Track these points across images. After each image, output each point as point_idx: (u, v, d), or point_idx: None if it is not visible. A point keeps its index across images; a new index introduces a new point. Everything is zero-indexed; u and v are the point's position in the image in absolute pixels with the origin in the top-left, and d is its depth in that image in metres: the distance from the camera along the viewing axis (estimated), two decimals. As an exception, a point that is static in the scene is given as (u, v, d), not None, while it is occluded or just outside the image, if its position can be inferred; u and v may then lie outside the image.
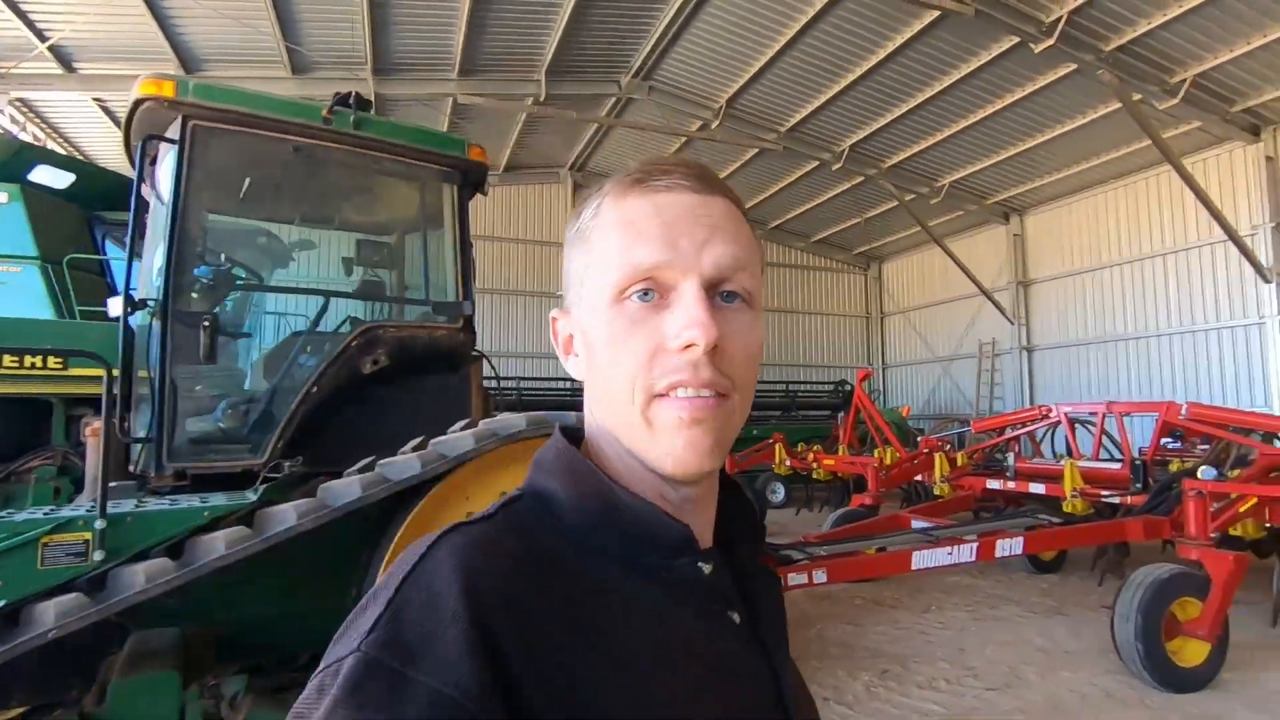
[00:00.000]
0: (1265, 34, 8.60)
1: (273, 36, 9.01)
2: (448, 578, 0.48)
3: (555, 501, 0.58)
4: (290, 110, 2.98)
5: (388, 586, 0.49)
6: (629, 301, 0.55)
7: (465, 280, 3.37)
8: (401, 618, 0.46)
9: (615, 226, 0.57)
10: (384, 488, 2.50)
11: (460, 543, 0.51)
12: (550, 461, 0.60)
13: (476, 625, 0.45)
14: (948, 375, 16.54)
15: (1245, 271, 10.48)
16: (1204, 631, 4.03)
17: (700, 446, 0.54)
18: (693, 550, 0.57)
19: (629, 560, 0.56)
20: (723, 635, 0.58)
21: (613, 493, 0.56)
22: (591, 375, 0.59)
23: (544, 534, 0.55)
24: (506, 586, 0.49)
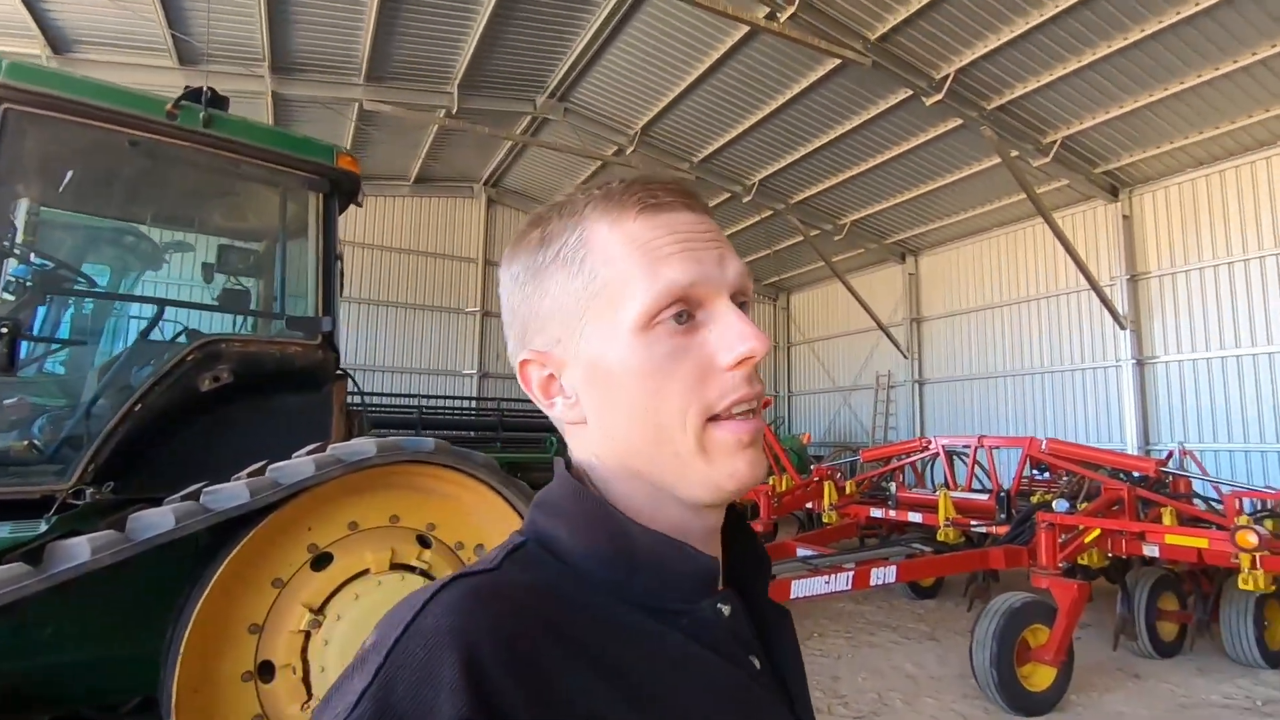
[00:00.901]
0: (1123, 105, 9.54)
1: (157, 22, 8.41)
2: (445, 641, 0.43)
3: (563, 545, 0.53)
4: (129, 101, 2.72)
5: (375, 651, 0.44)
6: (661, 326, 0.52)
7: (328, 295, 3.17)
8: (391, 688, 0.41)
9: (628, 251, 0.53)
10: (202, 519, 2.27)
11: (457, 597, 0.46)
12: (556, 502, 0.55)
13: (478, 696, 0.41)
14: (847, 405, 17.21)
15: (1105, 319, 11.47)
16: (1050, 657, 4.27)
17: (759, 465, 0.54)
18: (713, 590, 0.54)
19: (648, 604, 0.52)
20: (746, 681, 0.54)
21: (628, 530, 0.52)
22: (607, 413, 0.54)
23: (552, 579, 0.51)
24: (512, 644, 0.44)
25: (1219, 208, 10.43)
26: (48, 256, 3.06)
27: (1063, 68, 8.99)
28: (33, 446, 2.74)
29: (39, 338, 2.98)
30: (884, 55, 9.10)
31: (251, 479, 2.41)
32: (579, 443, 0.58)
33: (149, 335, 2.91)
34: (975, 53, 8.97)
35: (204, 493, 2.42)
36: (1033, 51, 8.85)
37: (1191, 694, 4.79)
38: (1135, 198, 11.43)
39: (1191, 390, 10.58)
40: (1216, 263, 10.40)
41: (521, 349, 0.58)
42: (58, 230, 3.34)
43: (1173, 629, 5.56)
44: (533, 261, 0.56)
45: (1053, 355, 12.61)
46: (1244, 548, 4.01)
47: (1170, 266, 10.96)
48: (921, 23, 8.65)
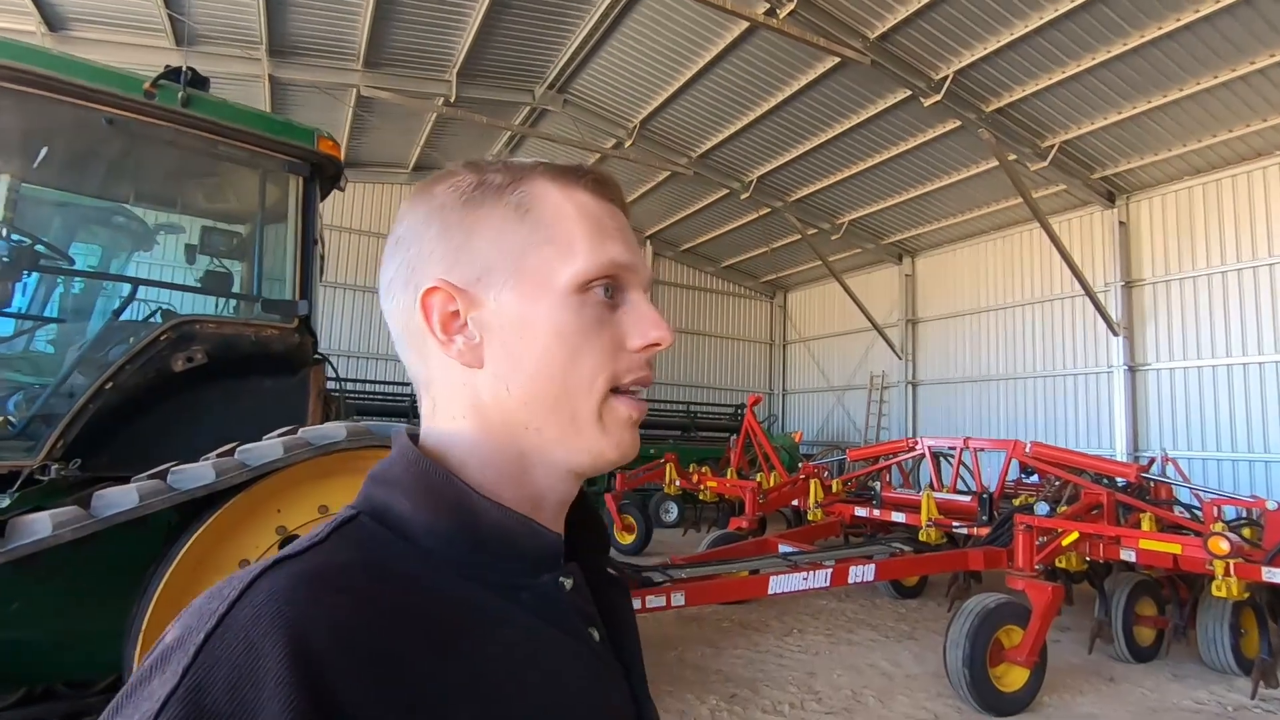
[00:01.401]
0: (1121, 110, 9.52)
1: (153, 2, 8.36)
2: (269, 631, 0.38)
3: (400, 519, 0.50)
4: (106, 79, 2.71)
5: (183, 647, 0.38)
6: (591, 294, 0.54)
7: (305, 279, 3.17)
8: (204, 690, 0.36)
9: (578, 217, 0.55)
10: (166, 498, 2.27)
11: (282, 584, 0.41)
12: (398, 474, 0.52)
13: (308, 690, 0.37)
14: (841, 404, 17.23)
15: (1099, 325, 11.48)
16: (1023, 658, 4.29)
17: (637, 441, 0.57)
18: (556, 565, 0.54)
19: (488, 579, 0.50)
20: (586, 655, 0.54)
21: (474, 504, 0.51)
22: (511, 364, 0.53)
23: (388, 557, 0.48)
24: (346, 632, 0.40)
25: (1214, 216, 10.43)
26: (25, 233, 3.06)
27: (1062, 72, 8.97)
28: (8, 422, 2.74)
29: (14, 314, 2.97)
30: (883, 54, 9.08)
31: (218, 460, 2.41)
32: (453, 394, 0.55)
33: (123, 314, 2.91)
34: (975, 54, 8.95)
35: (170, 472, 2.43)
36: (1032, 55, 8.83)
37: (1164, 698, 4.81)
38: (1132, 204, 11.43)
39: (1182, 398, 10.60)
40: (1211, 271, 10.41)
41: (423, 278, 0.54)
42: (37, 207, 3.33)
43: (1150, 634, 5.58)
44: (465, 197, 0.55)
45: (1046, 360, 12.62)
46: (1216, 554, 4.02)
47: (1165, 274, 10.96)
48: (921, 23, 8.63)
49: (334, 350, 13.92)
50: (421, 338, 0.55)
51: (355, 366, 14.09)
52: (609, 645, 0.58)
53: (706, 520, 11.04)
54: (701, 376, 18.28)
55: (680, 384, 17.65)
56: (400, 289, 0.56)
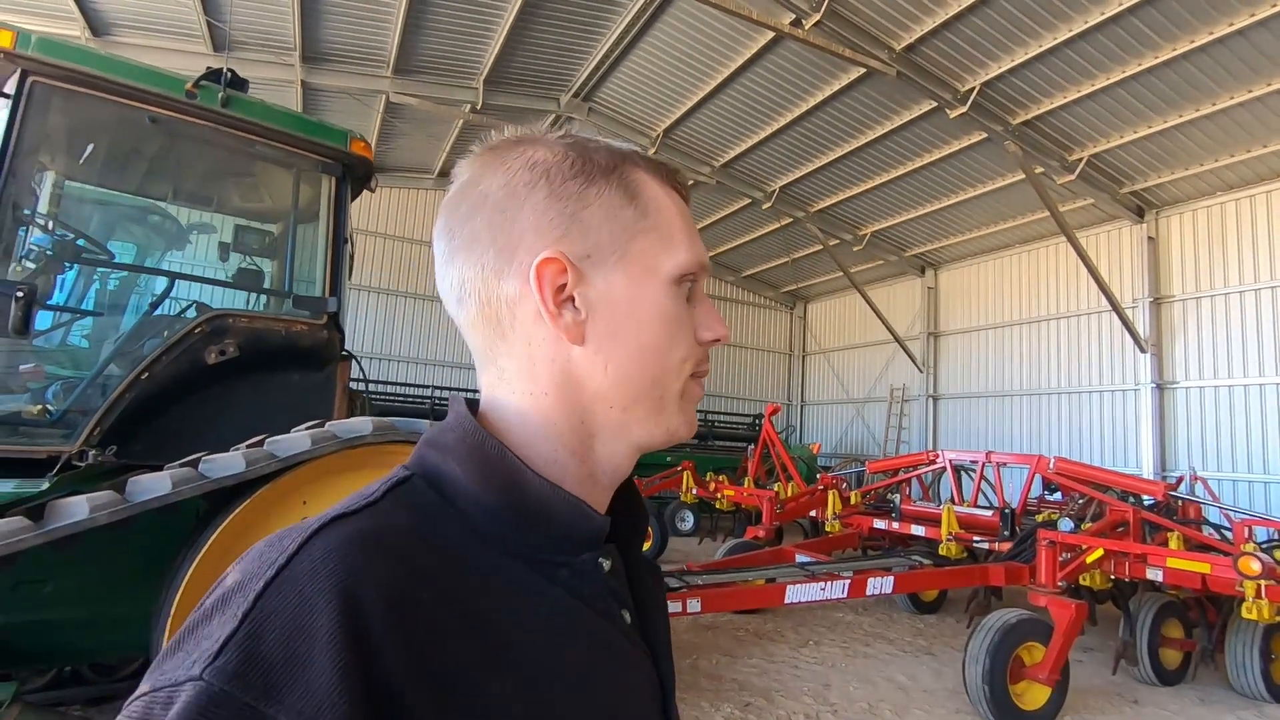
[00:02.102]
0: (1152, 124, 9.39)
1: (193, 9, 8.60)
2: (324, 588, 0.40)
3: (452, 485, 0.51)
4: (150, 79, 2.80)
5: (243, 592, 0.40)
6: (684, 287, 0.57)
7: (335, 277, 3.23)
8: (260, 637, 0.38)
9: (676, 214, 0.58)
10: (196, 485, 2.33)
11: (337, 542, 0.42)
12: (453, 441, 0.53)
13: (356, 647, 0.39)
14: (860, 416, 17.08)
15: (1126, 341, 11.29)
16: (1044, 675, 4.21)
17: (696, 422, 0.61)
18: (597, 545, 0.54)
19: (528, 553, 0.51)
20: (615, 636, 0.54)
21: (524, 479, 0.51)
22: (615, 343, 0.54)
23: (437, 523, 0.49)
24: (395, 597, 0.42)
25: (1248, 233, 10.23)
26: (68, 227, 3.16)
27: (1091, 84, 8.88)
28: (46, 410, 2.82)
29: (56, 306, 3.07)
30: (909, 66, 9.05)
31: (248, 450, 2.47)
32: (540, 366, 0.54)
33: (159, 308, 2.99)
34: (1002, 66, 8.90)
35: (202, 461, 2.48)
36: (1061, 67, 8.75)
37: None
38: (1161, 219, 11.25)
39: (1212, 417, 10.37)
40: (1243, 289, 10.20)
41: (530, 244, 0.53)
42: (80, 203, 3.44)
43: (1176, 656, 5.45)
44: (574, 169, 0.55)
45: (1070, 376, 12.42)
46: (1246, 575, 3.93)
47: (1195, 291, 10.76)
48: (948, 34, 8.60)
49: (359, 351, 14.07)
50: (510, 305, 0.54)
51: (379, 368, 14.26)
52: (639, 628, 0.58)
53: (722, 529, 10.98)
54: (720, 386, 18.24)
55: (698, 393, 17.60)
56: (490, 249, 0.54)
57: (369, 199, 14.52)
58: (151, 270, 3.27)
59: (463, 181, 0.58)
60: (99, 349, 3.04)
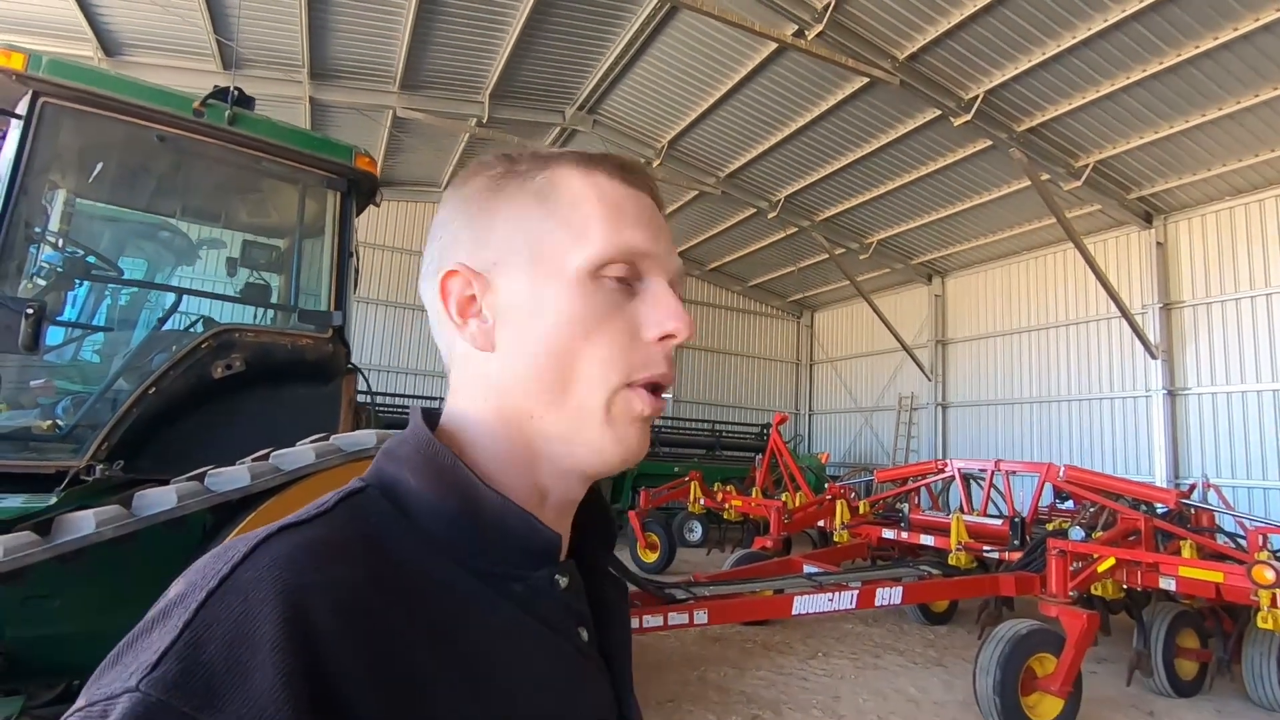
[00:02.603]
0: (1158, 130, 9.36)
1: (203, 28, 8.74)
2: (269, 594, 0.39)
3: (406, 496, 0.50)
4: (158, 98, 2.85)
5: (182, 604, 0.39)
6: (605, 281, 0.53)
7: (340, 291, 3.26)
8: (200, 646, 0.37)
9: (594, 200, 0.54)
10: (203, 499, 2.34)
11: (285, 550, 0.42)
12: (408, 453, 0.52)
13: (301, 655, 0.38)
14: (869, 425, 17.00)
15: (1136, 347, 11.20)
16: (1056, 687, 4.15)
17: (646, 443, 0.54)
18: (554, 561, 0.53)
19: (481, 568, 0.50)
20: (571, 653, 0.53)
21: (477, 492, 0.50)
22: (516, 349, 0.53)
23: (390, 534, 0.48)
24: (344, 604, 0.41)
25: (1258, 237, 10.16)
26: (79, 245, 3.20)
27: (1096, 91, 8.87)
28: (55, 425, 2.86)
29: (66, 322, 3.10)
30: (912, 75, 9.08)
31: (253, 464, 2.48)
32: (470, 377, 0.55)
33: (167, 323, 3.03)
34: (1005, 74, 8.91)
35: (208, 475, 2.50)
36: (1065, 74, 8.75)
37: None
38: (1170, 225, 11.19)
39: (1225, 424, 10.26)
40: (1254, 294, 10.12)
41: (445, 263, 0.55)
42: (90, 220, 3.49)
43: (1192, 668, 5.37)
44: (491, 184, 0.56)
45: (1080, 383, 12.33)
46: (1260, 584, 3.87)
47: (1205, 296, 10.68)
48: (951, 43, 8.62)
49: (366, 364, 14.17)
50: (445, 322, 0.56)
51: (385, 381, 14.32)
52: (597, 645, 0.57)
53: (730, 540, 10.93)
54: (727, 395, 18.21)
55: (705, 403, 17.60)
56: (431, 274, 0.57)
57: (375, 212, 14.64)
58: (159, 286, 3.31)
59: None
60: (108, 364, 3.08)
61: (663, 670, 5.28)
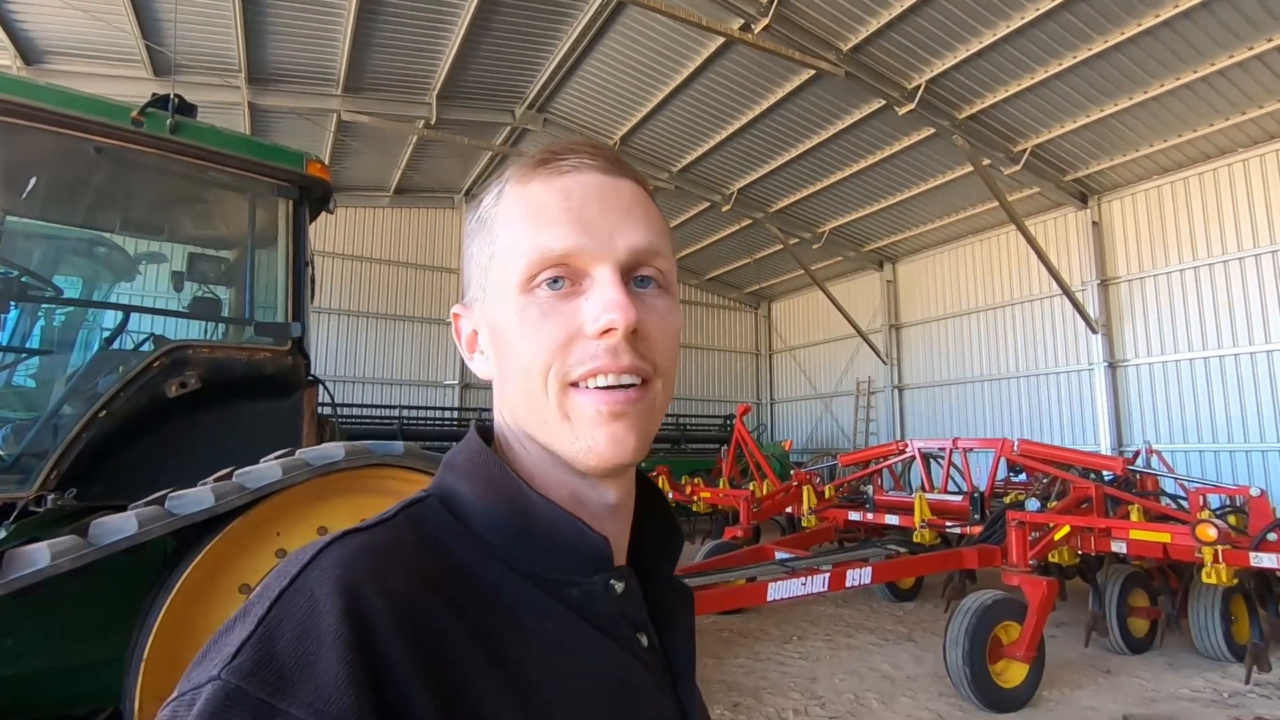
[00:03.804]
0: (1089, 114, 9.77)
1: (131, 34, 8.37)
2: (330, 593, 0.42)
3: (463, 505, 0.53)
4: (94, 108, 2.72)
5: (259, 602, 0.43)
6: (539, 290, 0.53)
7: (297, 301, 3.17)
8: (273, 639, 0.41)
9: (520, 213, 0.54)
10: (164, 523, 2.26)
11: (348, 552, 0.45)
12: (462, 463, 0.56)
13: (361, 647, 0.41)
14: (829, 411, 17.33)
15: (1078, 323, 11.69)
16: (1022, 653, 4.32)
17: (624, 444, 0.52)
18: (607, 566, 0.54)
19: (537, 573, 0.52)
20: (629, 660, 0.53)
21: (527, 499, 0.52)
22: (501, 371, 0.56)
23: (447, 540, 0.51)
24: (400, 602, 0.44)
25: (1184, 213, 10.69)
26: (12, 265, 3.04)
27: (1030, 77, 9.20)
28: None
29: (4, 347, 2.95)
30: (857, 66, 9.26)
31: (216, 484, 2.41)
32: (496, 402, 0.59)
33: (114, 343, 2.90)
34: (945, 63, 9.17)
35: (169, 498, 2.41)
36: (1001, 62, 9.05)
37: (1160, 688, 4.87)
38: (1104, 204, 11.69)
39: (1162, 392, 10.79)
40: (1183, 266, 10.65)
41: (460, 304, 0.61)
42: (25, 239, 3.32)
43: (1144, 625, 5.65)
44: (471, 219, 0.59)
45: (1028, 359, 12.80)
46: (1204, 541, 4.10)
47: (1139, 271, 11.20)
48: (893, 34, 8.82)
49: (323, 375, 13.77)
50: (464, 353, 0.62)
51: (343, 391, 13.99)
52: (659, 652, 0.57)
53: (701, 532, 11.04)
54: (689, 389, 18.33)
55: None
56: None
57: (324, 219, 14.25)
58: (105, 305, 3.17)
59: None
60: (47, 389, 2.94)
61: (642, 665, 5.30)
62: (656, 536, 0.62)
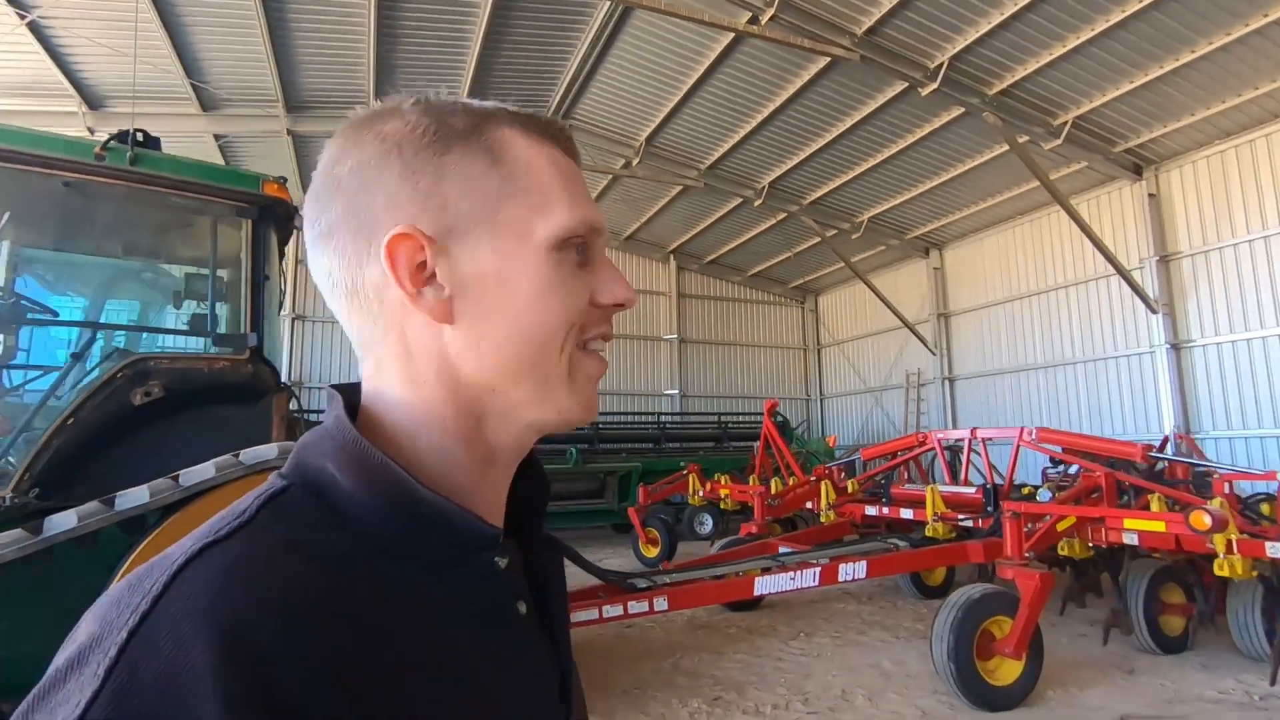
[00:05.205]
0: (1133, 79, 9.14)
1: (177, 75, 9.07)
2: (201, 628, 0.36)
3: (335, 495, 0.48)
4: (60, 147, 3.03)
5: (100, 648, 0.36)
6: (567, 253, 0.53)
7: (255, 313, 3.41)
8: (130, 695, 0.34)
9: (552, 171, 0.54)
10: (101, 518, 2.50)
11: (213, 574, 0.39)
12: (331, 449, 0.49)
13: (248, 683, 0.35)
14: (879, 405, 16.83)
15: (1136, 304, 10.94)
16: (1011, 649, 4.13)
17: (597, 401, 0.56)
18: (494, 544, 0.51)
19: (420, 557, 0.48)
20: (510, 630, 0.53)
21: (416, 494, 0.48)
22: (485, 319, 0.51)
23: (320, 537, 0.45)
24: (284, 622, 0.38)
25: (1251, 179, 9.85)
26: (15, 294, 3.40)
27: (1062, 46, 8.70)
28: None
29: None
30: (872, 49, 9.01)
31: (154, 482, 2.63)
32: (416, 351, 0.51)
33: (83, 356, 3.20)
34: (967, 38, 8.78)
35: (117, 497, 2.65)
36: (1027, 32, 8.60)
37: (1185, 689, 4.54)
38: (1161, 175, 10.91)
39: (1232, 374, 9.97)
40: (1252, 237, 9.81)
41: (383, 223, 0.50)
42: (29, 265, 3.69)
43: (1178, 623, 5.28)
44: (427, 139, 0.51)
45: (1085, 344, 12.08)
46: (1198, 529, 3.81)
47: (1203, 244, 10.39)
48: (907, 13, 8.54)
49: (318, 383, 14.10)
50: (377, 290, 0.51)
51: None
52: (536, 616, 0.56)
53: (733, 529, 10.95)
54: (736, 386, 18.17)
55: (714, 395, 17.61)
56: (347, 235, 0.51)
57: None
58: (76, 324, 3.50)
59: (321, 166, 0.54)
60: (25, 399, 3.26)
61: (639, 660, 5.35)
62: (526, 490, 0.60)
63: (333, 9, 8.61)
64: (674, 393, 17.07)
